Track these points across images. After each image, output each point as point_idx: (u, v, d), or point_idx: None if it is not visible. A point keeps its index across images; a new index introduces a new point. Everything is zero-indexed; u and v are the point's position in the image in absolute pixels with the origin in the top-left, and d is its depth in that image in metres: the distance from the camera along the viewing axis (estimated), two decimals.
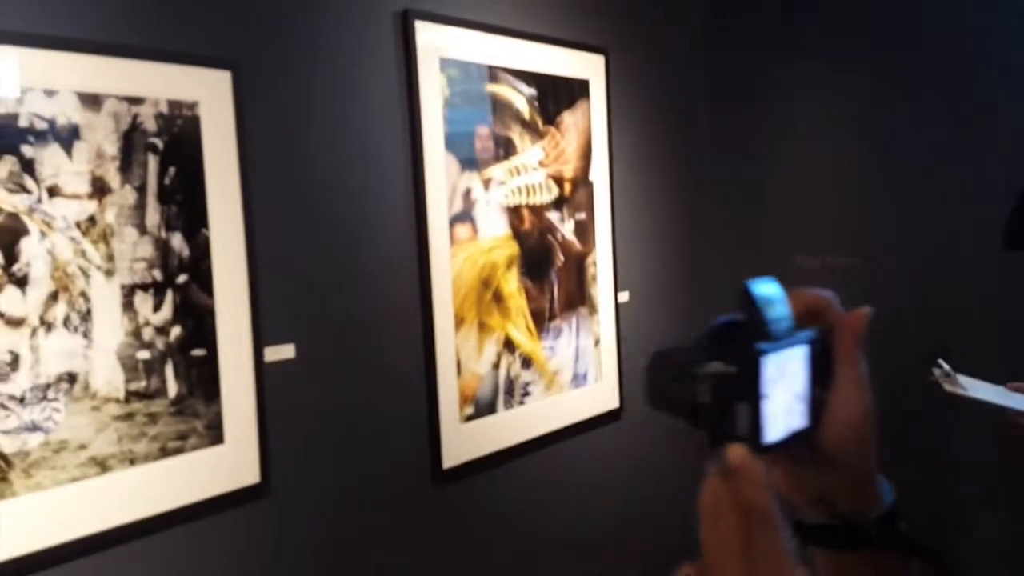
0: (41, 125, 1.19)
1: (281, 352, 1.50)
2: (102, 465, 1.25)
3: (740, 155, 2.62)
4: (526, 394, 2.01)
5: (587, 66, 2.20)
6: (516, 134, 1.99)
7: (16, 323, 1.17)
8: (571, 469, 2.16)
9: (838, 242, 2.44)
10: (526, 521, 2.03)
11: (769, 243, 2.58)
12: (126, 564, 1.29)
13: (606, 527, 2.28)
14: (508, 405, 1.96)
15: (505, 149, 1.96)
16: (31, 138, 1.18)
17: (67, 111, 1.22)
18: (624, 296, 2.34)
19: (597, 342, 2.23)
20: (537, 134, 2.04)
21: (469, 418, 1.86)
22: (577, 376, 2.17)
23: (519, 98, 1.99)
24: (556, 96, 2.10)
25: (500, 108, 1.94)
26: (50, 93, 1.20)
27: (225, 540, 1.42)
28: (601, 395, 2.25)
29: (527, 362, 2.01)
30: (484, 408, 1.89)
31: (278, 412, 1.49)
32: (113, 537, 1.27)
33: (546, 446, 2.06)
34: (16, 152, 1.17)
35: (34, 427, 1.19)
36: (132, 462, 1.29)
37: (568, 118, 2.14)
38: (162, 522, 1.33)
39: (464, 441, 1.84)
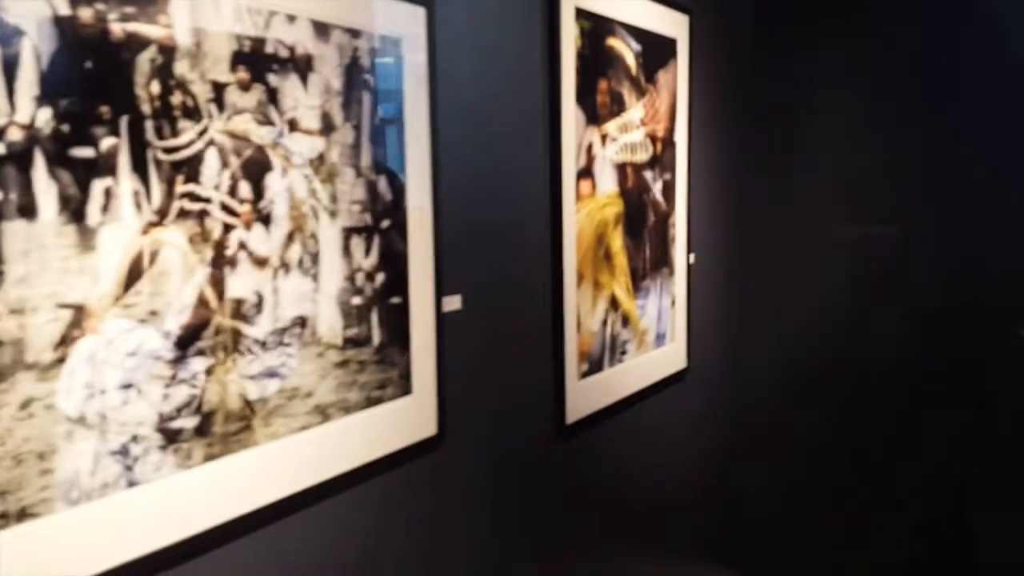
0: (283, 53, 1.16)
1: (452, 303, 1.51)
2: (323, 413, 1.25)
3: (788, 124, 2.76)
4: (623, 352, 2.08)
5: (675, 25, 2.26)
6: (626, 90, 2.03)
7: (261, 263, 1.14)
8: (651, 427, 2.26)
9: (886, 208, 2.63)
10: (624, 475, 2.12)
11: (816, 212, 2.73)
12: (325, 520, 1.28)
13: (682, 479, 2.40)
14: (611, 363, 2.03)
15: (618, 105, 2.00)
16: (275, 66, 1.15)
17: (303, 40, 1.18)
18: (692, 258, 2.44)
19: (673, 303, 2.32)
20: (640, 91, 2.09)
21: (584, 375, 1.92)
22: (659, 336, 2.26)
23: (629, 54, 2.04)
24: (655, 54, 2.15)
25: (616, 63, 1.98)
26: (291, 19, 1.16)
27: (407, 493, 1.44)
28: (675, 355, 2.35)
29: (625, 321, 2.08)
30: (595, 365, 1.95)
31: (447, 364, 1.50)
32: (325, 490, 1.26)
33: (633, 404, 2.15)
34: (263, 80, 1.13)
35: (272, 373, 1.16)
36: (346, 411, 1.28)
37: (662, 77, 2.20)
38: (363, 474, 1.33)
39: (581, 397, 1.90)
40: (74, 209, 0.92)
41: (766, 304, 2.81)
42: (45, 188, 0.89)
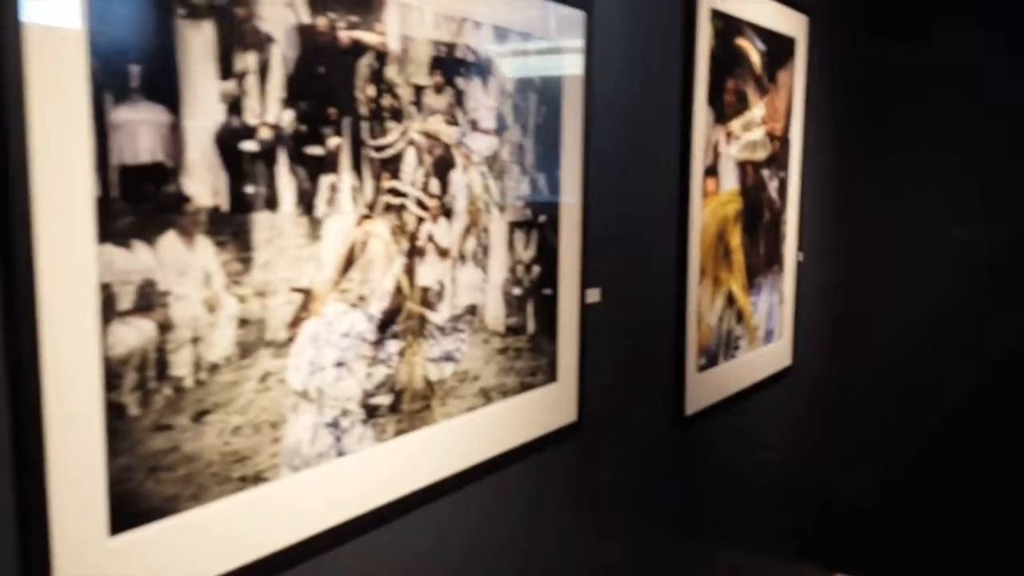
0: (470, 57, 1.25)
1: (593, 296, 1.60)
2: (487, 396, 1.35)
3: (899, 123, 2.78)
4: (736, 348, 2.15)
5: (795, 25, 2.31)
6: (750, 89, 2.09)
7: (443, 253, 1.24)
8: (756, 424, 2.32)
9: (999, 209, 2.64)
10: (730, 470, 2.19)
11: (923, 214, 2.75)
12: (484, 497, 1.38)
13: (781, 478, 2.47)
14: (725, 358, 2.10)
15: (742, 104, 2.06)
16: (463, 70, 1.24)
17: (486, 44, 1.28)
18: (800, 256, 2.49)
19: (781, 300, 2.38)
20: (763, 91, 2.15)
21: (701, 368, 1.99)
22: (768, 333, 2.32)
23: (755, 53, 2.09)
24: (777, 53, 2.21)
25: (743, 63, 2.04)
26: (478, 25, 1.26)
27: (550, 474, 1.53)
28: (781, 353, 2.41)
29: (739, 316, 2.15)
30: (711, 359, 2.03)
31: (587, 353, 1.59)
32: (486, 468, 1.36)
33: (742, 399, 2.22)
34: (453, 83, 1.23)
35: (448, 356, 1.27)
36: (504, 395, 1.38)
37: (782, 76, 2.25)
38: (515, 455, 1.43)
39: (698, 390, 1.98)
40: (306, 202, 1.03)
41: (871, 304, 2.84)
42: (285, 183, 1.00)
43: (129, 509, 0.87)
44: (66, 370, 0.80)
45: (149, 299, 0.87)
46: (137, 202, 0.85)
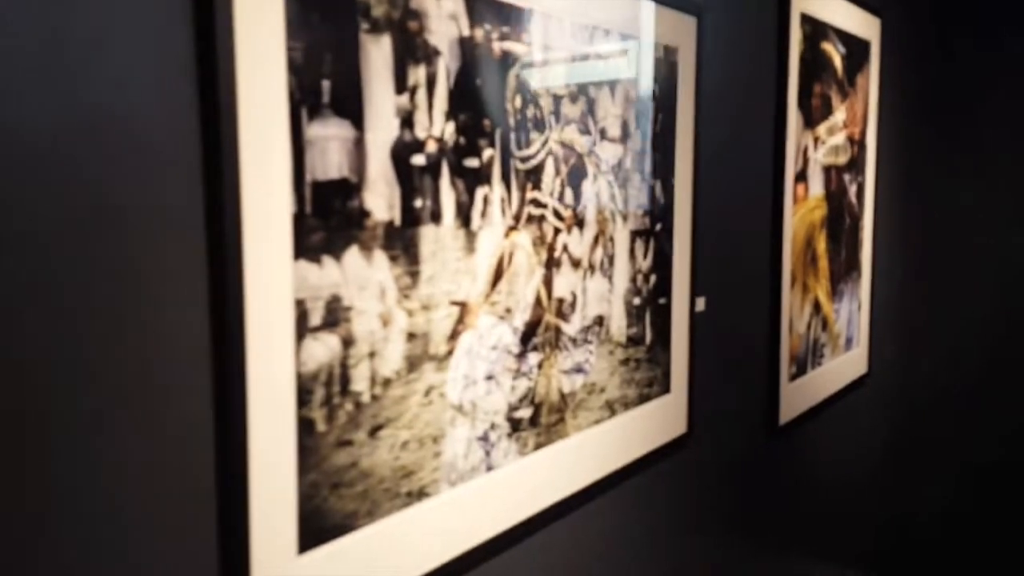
0: (599, 65, 1.26)
1: (700, 304, 1.61)
2: (611, 408, 1.36)
3: (973, 127, 2.78)
4: (821, 356, 2.15)
5: (869, 27, 2.32)
6: (833, 93, 2.10)
7: (576, 264, 1.25)
8: (837, 432, 2.32)
9: None
10: (815, 479, 2.19)
11: (999, 217, 2.76)
12: (597, 516, 1.39)
13: (858, 487, 2.47)
14: (812, 366, 2.10)
15: (827, 108, 2.07)
16: (592, 78, 1.25)
17: (613, 52, 1.29)
18: (876, 262, 2.49)
19: (859, 307, 2.39)
20: (844, 94, 2.16)
21: (792, 377, 2.00)
22: (848, 340, 2.32)
23: (837, 57, 2.10)
24: (855, 57, 2.22)
25: (827, 67, 2.05)
26: (607, 33, 1.27)
27: (663, 486, 1.54)
28: (859, 360, 2.41)
29: (824, 324, 2.15)
30: (801, 367, 2.03)
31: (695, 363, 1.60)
32: (605, 484, 1.37)
33: (825, 407, 2.22)
34: (585, 92, 1.24)
35: (579, 369, 1.28)
36: (626, 406, 1.39)
37: (859, 80, 2.26)
38: (634, 468, 1.44)
39: (790, 398, 1.98)
40: (463, 215, 1.04)
41: (942, 310, 2.84)
42: (447, 196, 1.01)
43: (315, 526, 0.88)
44: (267, 386, 0.82)
45: (335, 314, 0.88)
46: (326, 218, 0.87)
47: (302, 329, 0.85)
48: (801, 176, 1.97)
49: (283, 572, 0.85)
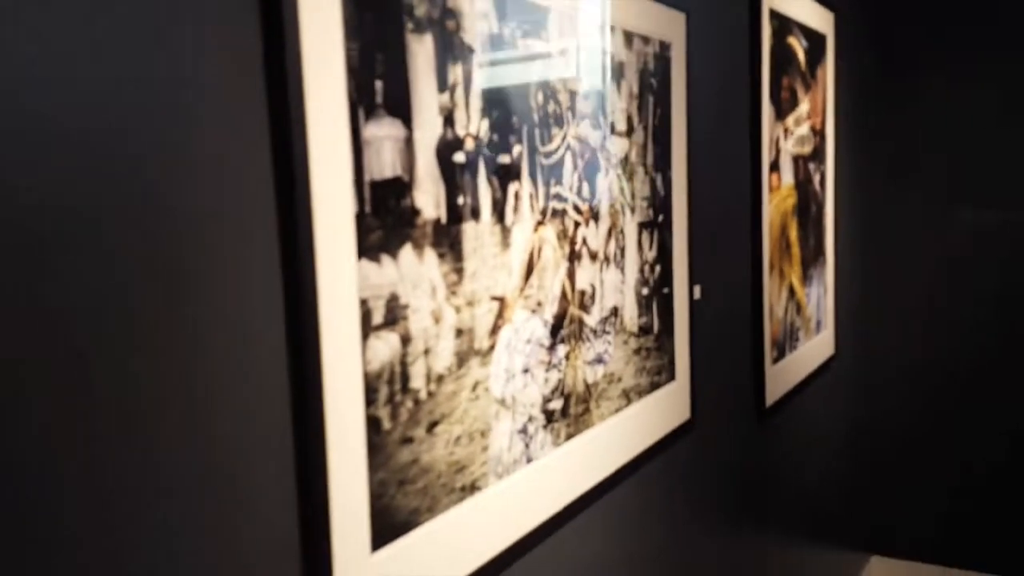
0: (607, 61, 1.29)
1: (696, 292, 1.65)
2: (627, 397, 1.39)
3: (918, 113, 2.91)
4: (796, 339, 2.23)
5: (825, 22, 2.41)
6: (798, 86, 2.18)
7: (594, 257, 1.28)
8: (809, 413, 2.41)
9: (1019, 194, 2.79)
10: (792, 459, 2.27)
11: (947, 201, 2.89)
12: (620, 501, 1.42)
13: (827, 467, 2.56)
14: (790, 349, 2.17)
15: (793, 100, 2.15)
16: (602, 73, 1.28)
17: (619, 49, 1.32)
18: (836, 247, 2.59)
19: (825, 292, 2.48)
20: (807, 87, 2.24)
21: (775, 360, 2.06)
22: (817, 323, 2.41)
23: (800, 51, 2.18)
24: (815, 50, 2.30)
25: (793, 60, 2.13)
26: (613, 30, 1.30)
27: (669, 473, 1.58)
28: (827, 343, 2.50)
29: (798, 308, 2.23)
30: (780, 351, 2.10)
31: (696, 349, 1.64)
32: (626, 472, 1.40)
33: (800, 390, 2.30)
34: (597, 88, 1.27)
35: (599, 359, 1.31)
36: (639, 395, 1.43)
37: (819, 72, 2.35)
38: (643, 458, 1.47)
39: (774, 381, 2.05)
40: (498, 211, 1.05)
41: (896, 293, 2.96)
42: (484, 192, 1.03)
43: (385, 524, 0.89)
44: (339, 386, 0.82)
45: (394, 313, 0.89)
46: (383, 217, 0.87)
47: (367, 328, 0.86)
48: (774, 166, 2.04)
49: (359, 572, 0.85)
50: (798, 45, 2.17)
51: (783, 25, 2.06)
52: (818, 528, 2.60)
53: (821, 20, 2.37)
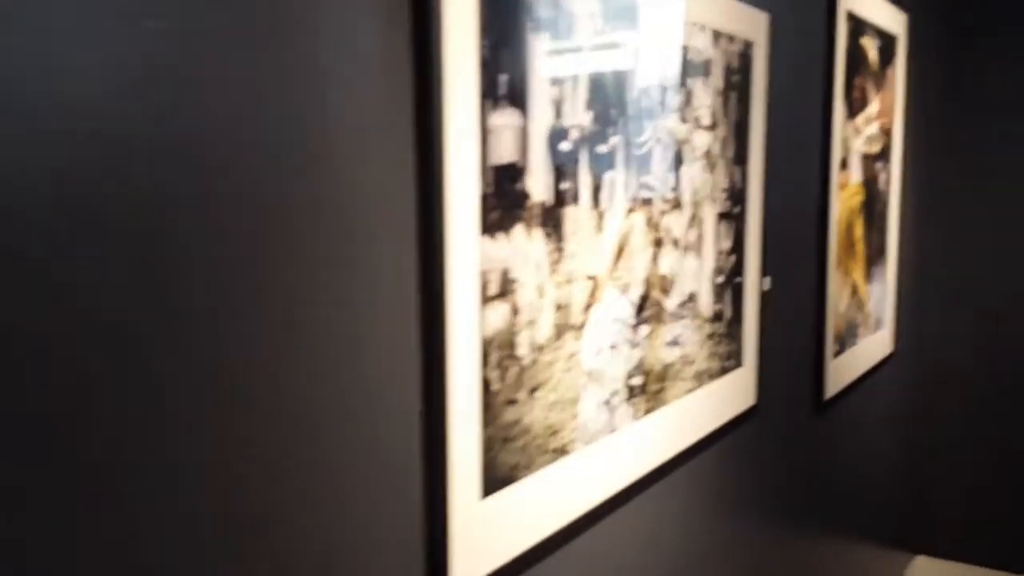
0: (696, 59, 1.37)
1: (766, 284, 1.72)
2: (699, 379, 1.47)
3: (989, 118, 2.93)
4: (856, 335, 2.28)
5: (897, 23, 2.44)
6: (869, 85, 2.23)
7: (676, 244, 1.36)
8: (866, 409, 2.46)
9: None
10: (848, 454, 2.33)
11: (1008, 206, 2.90)
12: (687, 479, 1.51)
13: (885, 460, 2.61)
14: (850, 345, 2.23)
15: (864, 100, 2.19)
16: (691, 70, 1.36)
17: (706, 47, 1.40)
18: (898, 245, 2.63)
19: (886, 289, 2.52)
20: (878, 87, 2.29)
21: (835, 354, 2.12)
22: (877, 321, 2.46)
23: (873, 51, 2.23)
24: (887, 50, 2.34)
25: (865, 60, 2.18)
26: (702, 28, 1.38)
27: (726, 460, 1.66)
28: (886, 340, 2.55)
29: (859, 304, 2.28)
30: (841, 346, 2.16)
31: (764, 338, 1.72)
32: (695, 450, 1.49)
33: (857, 385, 2.35)
34: (684, 84, 1.35)
35: (675, 342, 1.39)
36: (711, 378, 1.51)
37: (889, 72, 2.39)
38: (713, 438, 1.55)
39: (834, 375, 2.11)
40: (595, 196, 1.14)
41: (956, 294, 2.99)
42: (584, 179, 1.11)
43: (492, 476, 0.98)
44: (461, 347, 0.92)
45: (506, 286, 0.99)
46: (501, 199, 0.97)
47: (484, 298, 0.95)
48: (844, 164, 2.09)
49: (472, 513, 0.95)
50: (871, 45, 2.21)
51: (857, 26, 2.11)
52: (865, 524, 2.65)
53: (894, 21, 2.40)
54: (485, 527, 0.98)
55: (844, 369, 2.20)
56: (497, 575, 1.01)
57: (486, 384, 0.97)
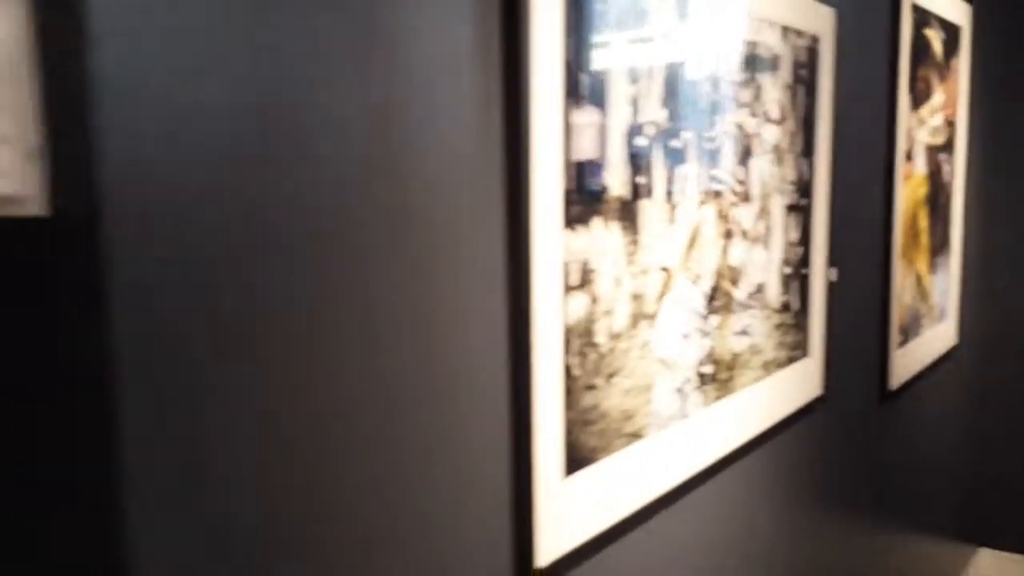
0: (765, 54, 1.40)
1: (832, 274, 1.74)
2: (767, 369, 1.49)
3: None
4: (920, 326, 2.27)
5: (961, 14, 2.42)
6: (933, 77, 2.21)
7: (745, 235, 1.39)
8: (929, 400, 2.45)
9: None
10: (911, 446, 2.32)
11: None
12: (742, 474, 1.53)
13: (948, 451, 2.59)
14: (913, 336, 2.22)
15: (928, 91, 2.18)
16: (760, 66, 1.39)
17: (775, 42, 1.42)
18: (962, 237, 2.60)
19: (950, 282, 2.50)
20: (942, 78, 2.27)
21: (900, 344, 2.12)
22: (941, 312, 2.44)
23: (937, 42, 2.21)
24: (951, 42, 2.32)
25: (929, 51, 2.16)
26: (771, 24, 1.40)
27: (793, 449, 1.68)
28: (950, 332, 2.53)
29: (923, 295, 2.27)
30: (905, 337, 2.16)
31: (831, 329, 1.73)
32: (758, 440, 1.51)
33: (921, 377, 2.34)
34: (754, 79, 1.37)
35: (744, 332, 1.42)
36: (778, 367, 1.53)
37: (953, 63, 2.37)
38: (779, 427, 1.57)
39: (898, 365, 2.11)
40: (668, 190, 1.18)
41: (1019, 286, 2.95)
42: (658, 173, 1.15)
43: (573, 457, 1.03)
44: (545, 334, 0.96)
45: (585, 276, 1.03)
46: (581, 193, 1.01)
47: (566, 288, 1.00)
48: (908, 155, 2.09)
49: (555, 490, 1.00)
50: (935, 36, 2.20)
51: (922, 17, 2.10)
52: (928, 515, 2.63)
53: (958, 12, 2.38)
54: (567, 505, 1.03)
55: (908, 360, 2.19)
56: (578, 552, 1.06)
57: (568, 370, 1.01)
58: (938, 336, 2.43)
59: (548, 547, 1.00)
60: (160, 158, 0.60)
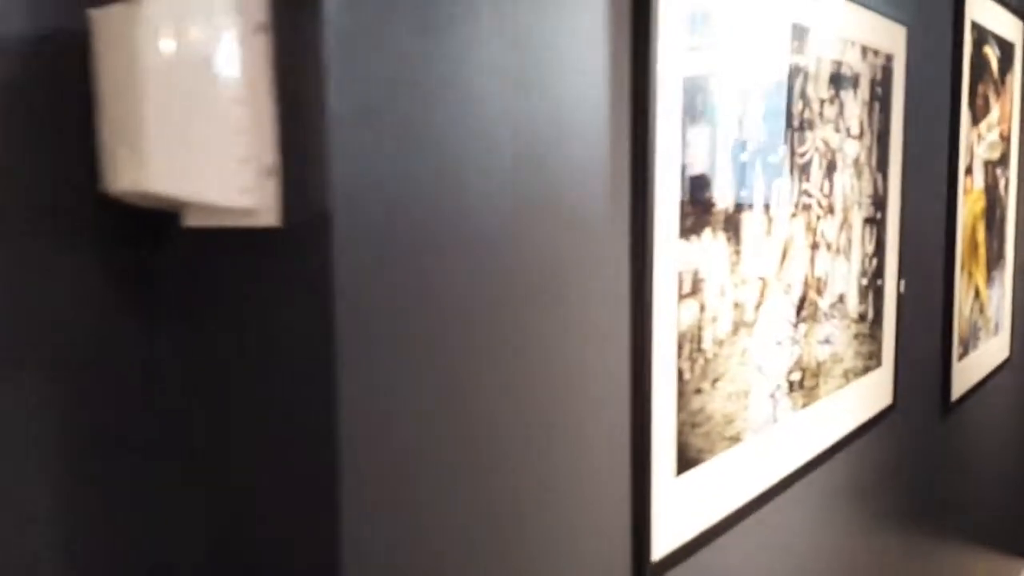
0: (848, 72, 1.43)
1: (902, 286, 1.77)
2: (846, 377, 1.52)
3: None
4: (978, 339, 2.29)
5: (1015, 30, 2.45)
6: (991, 92, 2.24)
7: (829, 247, 1.42)
8: (983, 414, 2.46)
9: None
10: (971, 456, 2.33)
11: None
12: (820, 482, 1.56)
13: (1001, 463, 2.60)
14: (972, 347, 2.24)
15: (986, 107, 2.21)
16: (844, 84, 1.42)
17: (856, 61, 1.46)
18: (1016, 251, 2.62)
19: (1004, 295, 2.51)
20: (997, 93, 2.29)
21: (960, 356, 2.14)
22: (997, 325, 2.45)
23: (994, 59, 2.24)
24: (1005, 58, 2.35)
25: (987, 68, 2.19)
26: (853, 44, 1.44)
27: (866, 456, 1.70)
28: (1003, 344, 2.54)
29: (981, 308, 2.29)
30: (965, 349, 2.18)
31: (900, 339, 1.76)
32: (837, 447, 1.54)
33: (977, 389, 2.35)
34: (839, 96, 1.41)
35: (827, 340, 1.45)
36: (856, 375, 1.56)
37: (1008, 79, 2.39)
38: (857, 433, 1.60)
39: (959, 377, 2.13)
40: (765, 203, 1.22)
41: None
42: (758, 187, 1.19)
43: (683, 457, 1.07)
44: (662, 339, 1.00)
45: (696, 284, 1.07)
46: (694, 205, 1.05)
47: (680, 295, 1.04)
48: (968, 170, 2.11)
49: (668, 488, 1.04)
50: (992, 53, 2.23)
51: (980, 34, 2.13)
52: (980, 528, 2.63)
53: (1011, 29, 2.41)
54: (678, 502, 1.06)
55: (968, 371, 2.21)
56: (688, 546, 1.09)
57: (680, 374, 1.05)
58: (993, 348, 2.44)
59: (661, 542, 1.04)
60: (380, 180, 0.65)
